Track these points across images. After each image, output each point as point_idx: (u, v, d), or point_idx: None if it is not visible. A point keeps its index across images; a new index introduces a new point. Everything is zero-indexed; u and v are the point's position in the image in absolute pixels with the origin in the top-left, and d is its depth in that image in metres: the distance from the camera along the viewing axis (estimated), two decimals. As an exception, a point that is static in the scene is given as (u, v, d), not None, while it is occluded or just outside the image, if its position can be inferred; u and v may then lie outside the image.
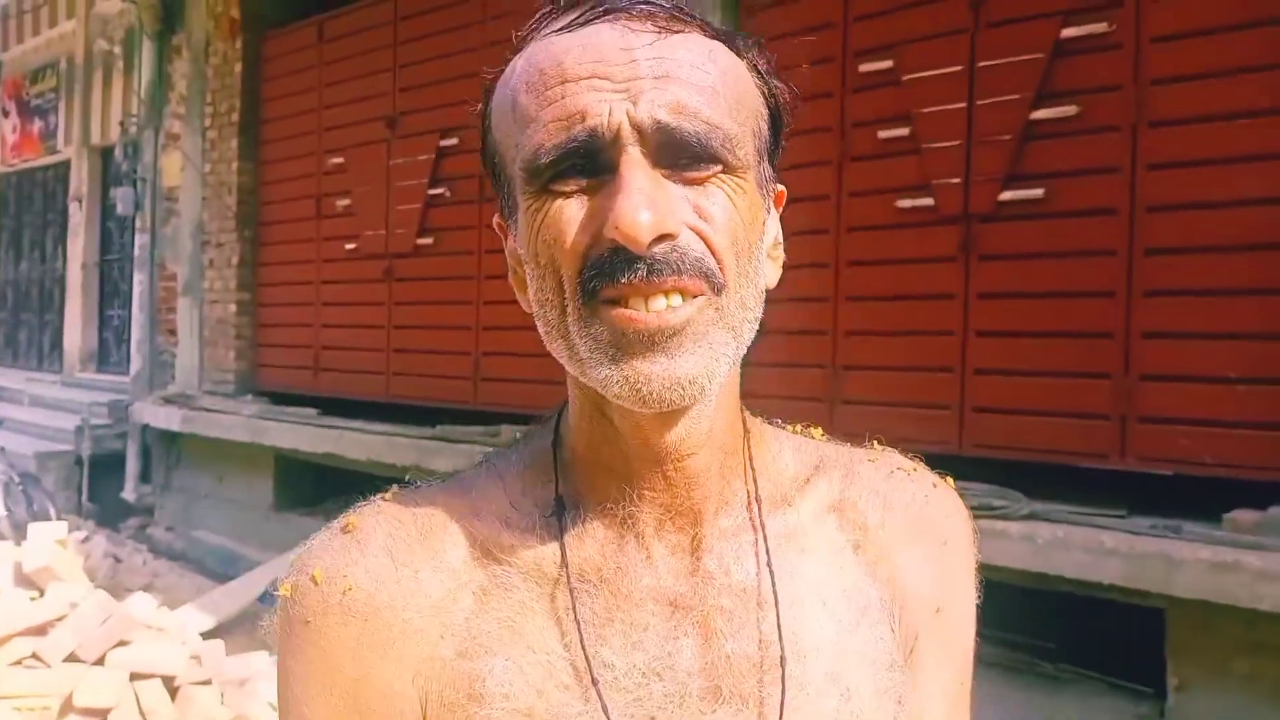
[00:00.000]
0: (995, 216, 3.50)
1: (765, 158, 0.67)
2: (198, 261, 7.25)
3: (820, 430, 0.80)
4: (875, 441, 0.81)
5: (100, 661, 3.42)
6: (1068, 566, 2.98)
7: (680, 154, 0.60)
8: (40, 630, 3.45)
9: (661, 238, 0.59)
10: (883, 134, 3.74)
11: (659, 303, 0.60)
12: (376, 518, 0.70)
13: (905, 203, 3.69)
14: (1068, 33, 3.37)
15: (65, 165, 10.14)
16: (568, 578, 0.67)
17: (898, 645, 0.72)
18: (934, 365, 3.64)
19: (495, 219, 0.72)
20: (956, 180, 3.57)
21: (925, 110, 3.64)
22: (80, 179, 9.77)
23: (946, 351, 3.60)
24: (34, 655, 3.37)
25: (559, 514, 0.69)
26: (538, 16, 0.66)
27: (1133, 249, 3.22)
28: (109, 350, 9.66)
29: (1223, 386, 3.06)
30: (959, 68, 3.57)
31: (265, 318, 6.91)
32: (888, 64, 3.75)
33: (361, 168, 6.03)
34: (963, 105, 3.56)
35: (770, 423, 0.78)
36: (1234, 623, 2.84)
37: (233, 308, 6.90)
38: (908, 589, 0.74)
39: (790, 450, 0.76)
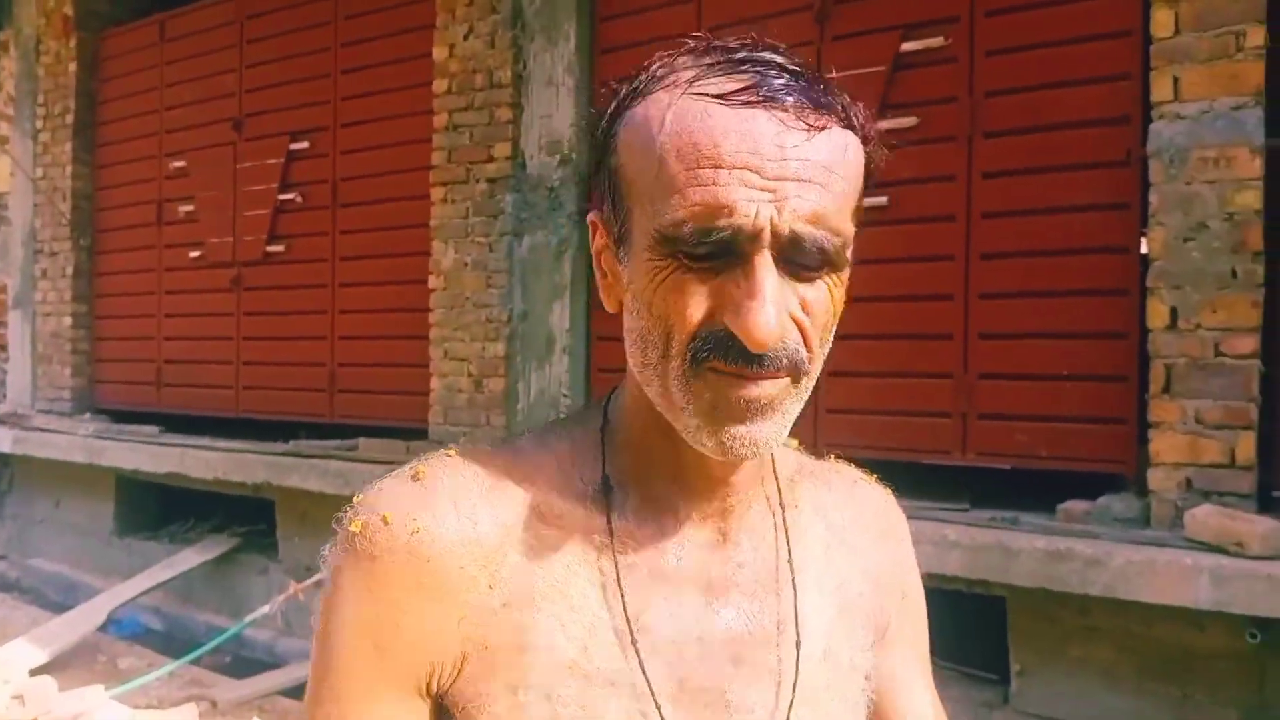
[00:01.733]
0: (843, 222, 3.59)
1: (853, 236, 0.73)
2: (29, 272, 6.80)
3: (795, 440, 0.88)
4: (832, 455, 0.93)
5: (-93, 705, 3.15)
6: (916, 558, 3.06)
7: (802, 256, 0.67)
8: None
9: None
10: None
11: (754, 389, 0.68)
12: (443, 469, 0.76)
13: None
14: (907, 46, 3.50)
15: (-121, 169, 9.38)
16: (613, 549, 0.74)
17: (871, 630, 0.85)
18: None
19: (591, 216, 0.77)
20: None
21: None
22: (-104, 184, 9.05)
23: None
24: None
25: (606, 493, 0.76)
26: (697, 59, 0.70)
27: (969, 253, 3.35)
28: (-69, 368, 8.97)
29: (1055, 383, 3.22)
30: (806, 77, 3.65)
31: (103, 331, 6.53)
32: (739, 72, 3.80)
33: (206, 172, 5.77)
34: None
35: None
36: (1068, 609, 2.97)
37: (68, 321, 6.50)
38: (881, 581, 0.87)
39: (780, 455, 0.86)
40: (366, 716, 0.72)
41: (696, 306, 0.67)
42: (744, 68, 0.68)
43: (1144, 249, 3.08)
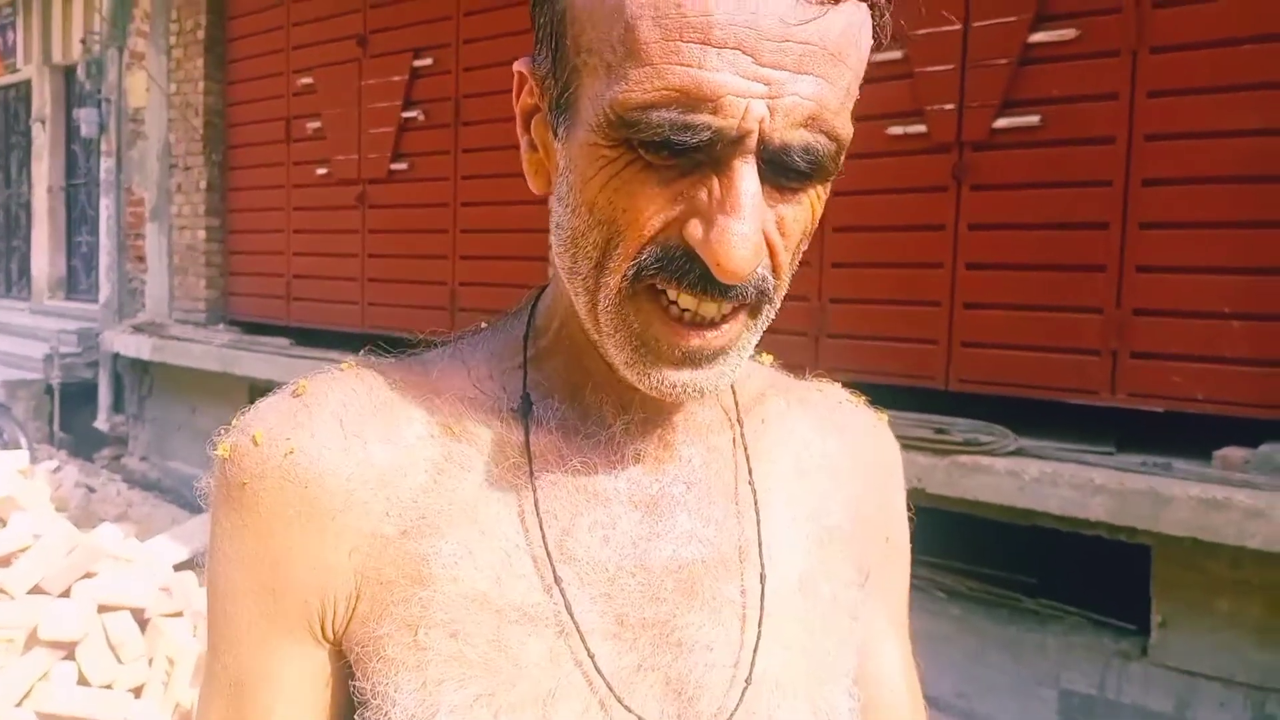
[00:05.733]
0: (989, 144, 3.39)
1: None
2: (165, 186, 7.03)
3: (770, 356, 0.78)
4: (816, 375, 0.81)
5: (66, 593, 3.35)
6: (1054, 503, 2.94)
7: (791, 164, 0.54)
8: (3, 561, 3.36)
9: None
10: (874, 57, 3.59)
11: (710, 308, 0.56)
12: (330, 384, 0.65)
13: (896, 129, 3.57)
14: (1069, -50, 3.22)
15: (27, 85, 9.80)
16: (530, 468, 0.63)
17: (854, 568, 0.73)
18: (922, 299, 3.55)
19: (520, 64, 0.62)
20: (950, 106, 3.45)
21: (919, 32, 3.50)
22: (43, 99, 9.44)
23: (935, 284, 3.51)
24: (-2, 588, 3.29)
25: (526, 405, 0.65)
26: None
27: (1129, 179, 3.12)
28: (78, 277, 9.45)
29: (1216, 322, 3.00)
30: (956, -13, 3.43)
31: (235, 245, 6.73)
32: (881, -18, 3.59)
33: (332, 89, 5.81)
34: (958, 28, 3.42)
35: None
36: (1220, 561, 2.81)
37: (202, 234, 6.72)
38: (863, 517, 0.75)
39: (749, 369, 0.75)
40: (264, 667, 0.63)
41: (652, 215, 0.54)
42: None
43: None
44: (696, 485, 0.67)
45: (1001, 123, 3.34)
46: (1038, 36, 3.27)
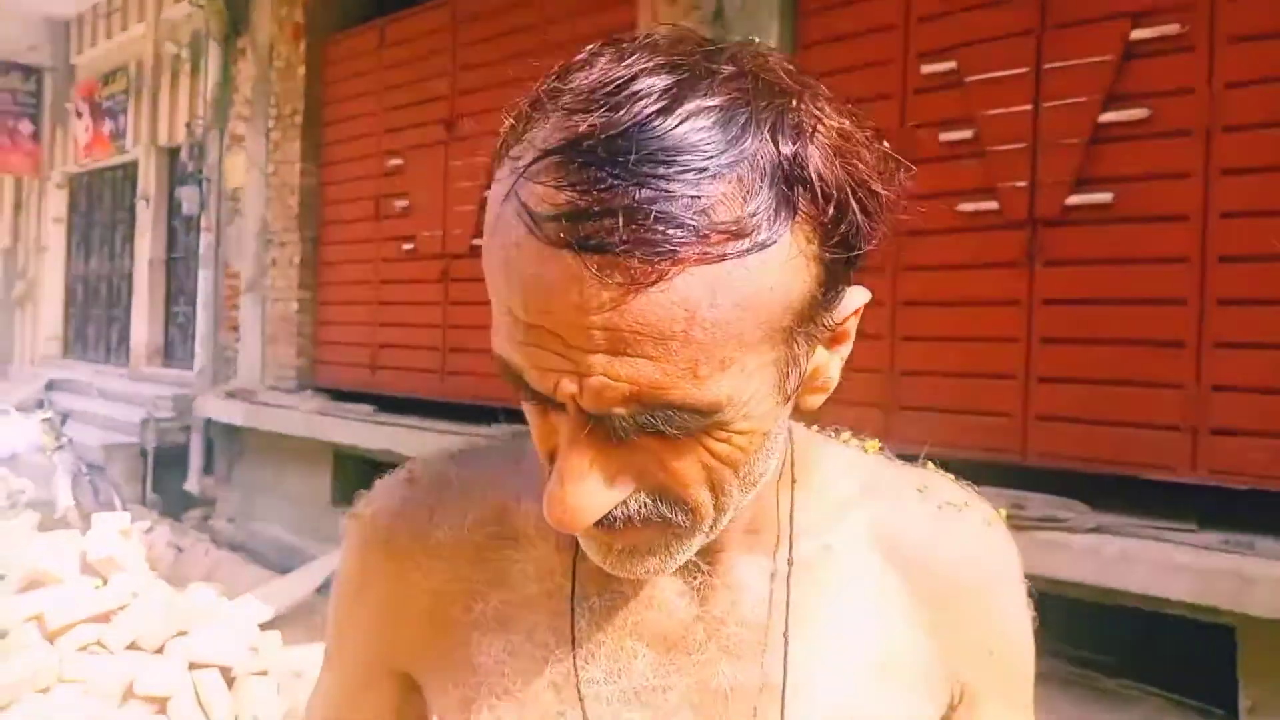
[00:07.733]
0: (1062, 221, 3.42)
1: (809, 324, 0.54)
2: (261, 260, 7.37)
3: (876, 443, 0.77)
4: (928, 462, 0.77)
5: (160, 650, 3.49)
6: (1134, 581, 2.90)
7: (632, 433, 0.53)
8: (103, 618, 3.53)
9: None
10: (945, 137, 3.68)
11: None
12: (431, 470, 0.77)
13: (968, 207, 3.62)
14: (1138, 34, 3.28)
15: (134, 165, 10.39)
16: (573, 589, 0.69)
17: (929, 698, 0.70)
18: (996, 372, 3.56)
19: None
20: (1022, 184, 3.50)
21: (989, 113, 3.58)
22: (148, 179, 10.00)
23: (1009, 359, 3.52)
24: (98, 642, 3.45)
25: None
26: (559, 108, 0.51)
27: (1205, 256, 3.12)
28: (174, 346, 9.87)
29: (1299, 399, 2.96)
30: (1025, 69, 3.50)
31: (325, 316, 7.00)
32: (950, 65, 3.69)
33: (420, 169, 6.09)
34: (1028, 108, 3.49)
35: (822, 430, 0.76)
36: (1309, 644, 2.74)
37: (294, 306, 7.01)
38: (955, 637, 0.71)
39: (841, 469, 0.73)
40: (347, 682, 0.78)
41: (540, 438, 0.57)
42: (581, 157, 0.48)
43: None
44: (731, 619, 0.68)
45: (1074, 200, 3.38)
46: (1109, 116, 3.31)
